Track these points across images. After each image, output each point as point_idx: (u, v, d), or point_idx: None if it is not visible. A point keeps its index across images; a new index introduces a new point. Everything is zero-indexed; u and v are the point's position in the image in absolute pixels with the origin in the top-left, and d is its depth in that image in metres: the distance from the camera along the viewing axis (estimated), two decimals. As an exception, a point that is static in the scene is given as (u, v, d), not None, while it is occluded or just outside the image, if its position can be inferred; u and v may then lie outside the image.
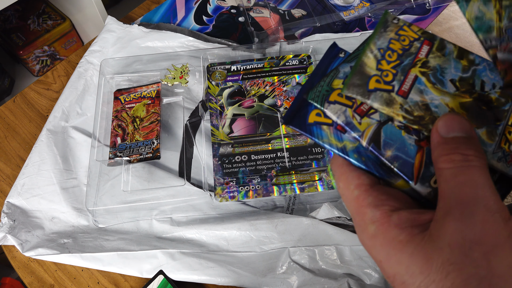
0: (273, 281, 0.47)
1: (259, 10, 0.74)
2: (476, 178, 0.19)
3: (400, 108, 0.22)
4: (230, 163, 0.53)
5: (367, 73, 0.23)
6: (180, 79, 0.62)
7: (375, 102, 0.23)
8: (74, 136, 0.59)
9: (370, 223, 0.21)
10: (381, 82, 0.23)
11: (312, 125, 0.24)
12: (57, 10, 1.09)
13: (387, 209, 0.21)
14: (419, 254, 0.19)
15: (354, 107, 0.23)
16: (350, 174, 0.23)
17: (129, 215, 0.53)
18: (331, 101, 0.23)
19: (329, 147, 0.23)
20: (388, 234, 0.20)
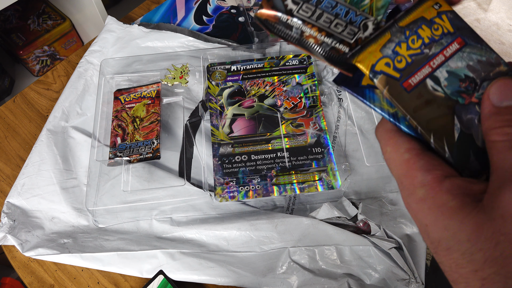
0: (273, 281, 0.47)
1: (259, 10, 0.74)
2: None
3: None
4: (230, 163, 0.53)
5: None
6: (180, 79, 0.62)
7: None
8: (74, 136, 0.59)
9: (419, 186, 0.20)
10: (391, 66, 0.22)
11: (366, 87, 0.22)
12: (57, 10, 1.09)
13: (439, 174, 0.20)
14: (469, 223, 0.18)
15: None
16: (400, 139, 0.22)
17: (129, 215, 0.53)
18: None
19: (380, 111, 0.22)
20: (438, 198, 0.19)
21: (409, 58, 0.22)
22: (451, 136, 0.21)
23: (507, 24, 0.73)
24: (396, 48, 0.22)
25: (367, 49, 0.22)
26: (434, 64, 0.22)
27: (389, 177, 0.54)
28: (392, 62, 0.22)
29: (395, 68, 0.22)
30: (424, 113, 0.21)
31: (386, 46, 0.22)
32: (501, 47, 0.70)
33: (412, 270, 0.46)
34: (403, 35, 0.22)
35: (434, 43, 0.22)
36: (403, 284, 0.46)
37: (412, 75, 0.22)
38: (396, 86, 0.21)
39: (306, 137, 0.55)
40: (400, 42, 0.22)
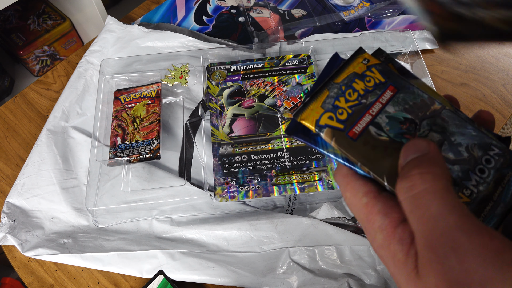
0: (273, 281, 0.47)
1: (259, 10, 0.74)
2: (430, 207, 0.18)
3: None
4: (230, 163, 0.53)
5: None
6: (180, 79, 0.62)
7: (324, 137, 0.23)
8: (74, 136, 0.59)
9: (378, 231, 0.20)
10: (334, 119, 0.23)
11: (316, 135, 0.23)
12: (57, 10, 1.09)
13: (396, 218, 0.20)
14: (411, 284, 0.18)
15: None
16: (357, 183, 0.22)
17: (129, 215, 0.53)
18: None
19: (334, 157, 0.23)
20: (391, 249, 0.19)
21: (349, 110, 0.23)
22: None
23: (507, 24, 0.73)
24: (335, 102, 0.23)
25: (309, 107, 0.23)
26: (373, 112, 0.23)
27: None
28: (334, 115, 0.23)
29: (338, 120, 0.23)
30: (373, 158, 0.22)
31: (326, 102, 0.23)
32: (501, 47, 0.70)
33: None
34: (340, 90, 0.24)
35: (369, 94, 0.24)
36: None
37: (355, 124, 0.23)
38: (342, 137, 0.22)
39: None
40: (338, 96, 0.23)
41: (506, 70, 0.67)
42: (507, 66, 0.67)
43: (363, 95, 0.23)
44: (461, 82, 0.66)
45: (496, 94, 0.64)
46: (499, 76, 0.66)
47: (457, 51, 0.69)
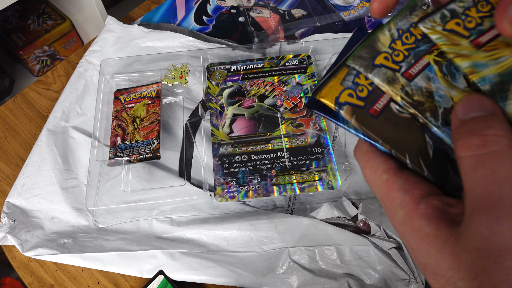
0: (273, 281, 0.47)
1: (259, 10, 0.74)
2: (498, 169, 0.17)
3: (401, 89, 0.21)
4: (230, 163, 0.53)
5: (377, 48, 0.22)
6: (180, 79, 0.62)
7: (376, 77, 0.22)
8: (74, 136, 0.59)
9: (399, 207, 0.20)
10: (390, 60, 0.22)
11: (336, 111, 0.22)
12: (57, 10, 1.09)
13: (418, 194, 0.19)
14: (447, 252, 0.18)
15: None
16: (377, 159, 0.22)
17: (129, 215, 0.53)
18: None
19: (355, 132, 0.22)
20: (415, 223, 0.19)
21: (369, 86, 0.22)
22: (426, 154, 0.21)
23: (507, 24, 0.73)
24: (355, 79, 0.22)
25: (328, 84, 0.22)
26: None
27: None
28: (354, 92, 0.22)
29: (358, 97, 0.22)
30: (394, 136, 0.21)
31: (345, 79, 0.22)
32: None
33: (412, 270, 0.46)
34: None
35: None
36: (403, 284, 0.46)
37: (376, 101, 0.22)
38: (362, 114, 0.22)
39: (306, 137, 0.55)
40: (358, 73, 0.22)
41: (506, 70, 0.67)
42: (507, 66, 0.67)
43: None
44: (461, 82, 0.66)
45: (496, 94, 0.64)
46: (499, 76, 0.66)
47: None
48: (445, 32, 0.21)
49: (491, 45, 0.21)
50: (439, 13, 0.22)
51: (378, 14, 0.24)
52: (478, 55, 0.21)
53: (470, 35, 0.21)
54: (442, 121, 0.21)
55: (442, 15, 0.22)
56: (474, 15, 0.21)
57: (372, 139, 0.22)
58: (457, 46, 0.21)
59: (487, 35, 0.21)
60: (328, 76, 0.23)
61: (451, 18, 0.21)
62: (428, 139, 0.21)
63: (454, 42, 0.21)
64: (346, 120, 0.22)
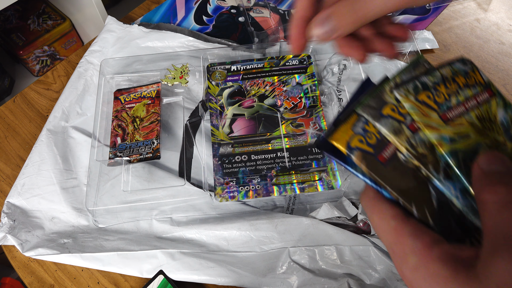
0: (273, 281, 0.47)
1: (259, 10, 0.74)
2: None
3: (406, 141, 0.22)
4: (230, 163, 0.53)
5: (384, 99, 0.23)
6: (180, 79, 0.62)
7: (384, 127, 0.23)
8: (74, 136, 0.59)
9: (410, 253, 0.20)
10: (396, 111, 0.23)
11: (347, 156, 0.23)
12: (57, 10, 1.09)
13: (429, 240, 0.20)
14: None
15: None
16: (384, 206, 0.22)
17: (129, 215, 0.53)
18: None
19: (362, 177, 0.23)
20: (431, 267, 0.19)
21: (378, 135, 0.23)
22: (431, 205, 0.22)
23: (507, 24, 0.73)
24: (364, 126, 0.23)
25: (340, 129, 0.24)
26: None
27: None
28: (364, 139, 0.23)
29: (368, 144, 0.23)
30: (402, 185, 0.22)
31: (355, 125, 0.23)
32: (501, 47, 0.70)
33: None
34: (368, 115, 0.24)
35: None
36: (403, 284, 0.46)
37: (384, 149, 0.23)
38: (372, 161, 0.23)
39: (306, 137, 0.55)
40: (366, 121, 0.23)
41: (506, 70, 0.67)
42: (507, 66, 0.67)
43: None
44: (461, 82, 0.66)
45: (496, 94, 0.64)
46: (499, 76, 0.66)
47: (457, 51, 0.69)
48: (417, 103, 0.23)
49: (457, 121, 0.23)
50: (412, 84, 0.24)
51: (297, 52, 0.29)
52: (446, 129, 0.22)
53: (439, 108, 0.23)
54: (443, 175, 0.22)
55: (415, 86, 0.24)
56: (443, 91, 0.23)
57: (381, 186, 0.22)
58: (427, 117, 0.23)
59: (453, 111, 0.23)
60: (339, 121, 0.24)
61: (423, 90, 0.23)
62: (432, 190, 0.22)
63: (425, 113, 0.23)
64: (356, 165, 0.23)
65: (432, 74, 0.24)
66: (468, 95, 0.24)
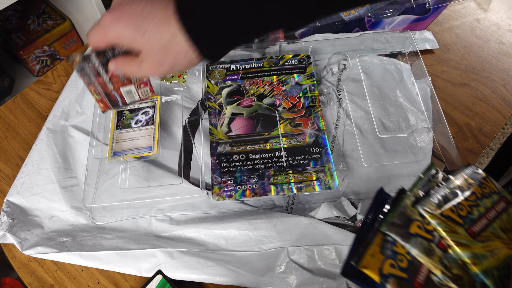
0: (272, 280, 0.47)
1: (259, 10, 0.74)
2: None
3: (439, 262, 0.21)
4: (227, 162, 0.53)
5: (408, 215, 0.22)
6: (178, 78, 0.62)
7: (414, 248, 0.22)
8: (73, 135, 0.59)
9: None
10: (422, 229, 0.22)
11: (377, 282, 0.22)
12: (57, 10, 1.09)
13: None
14: None
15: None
16: None
17: (127, 213, 0.53)
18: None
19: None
20: None
21: (408, 256, 0.22)
22: None
23: (507, 24, 0.73)
24: (393, 247, 0.22)
25: (368, 252, 0.22)
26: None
27: (388, 178, 0.54)
28: (395, 263, 0.22)
29: (401, 268, 0.21)
30: None
31: (384, 247, 0.22)
32: (501, 47, 0.70)
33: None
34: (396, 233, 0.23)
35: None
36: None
37: (418, 273, 0.21)
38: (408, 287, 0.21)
39: (304, 137, 0.55)
40: (394, 241, 0.22)
41: (506, 70, 0.67)
42: (507, 66, 0.67)
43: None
44: (461, 82, 0.66)
45: (496, 94, 0.64)
46: (499, 76, 0.66)
47: (457, 51, 0.69)
48: (443, 218, 0.22)
49: (484, 235, 0.22)
50: (433, 197, 0.23)
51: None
52: (476, 246, 0.21)
53: (464, 223, 0.22)
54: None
55: (438, 202, 0.23)
56: (464, 204, 0.23)
57: None
58: (456, 234, 0.22)
59: (478, 225, 0.22)
60: (365, 242, 0.22)
61: (445, 204, 0.23)
62: None
63: (453, 230, 0.22)
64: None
65: (448, 183, 0.23)
66: (487, 205, 0.23)
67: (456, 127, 0.61)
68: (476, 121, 0.61)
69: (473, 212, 0.23)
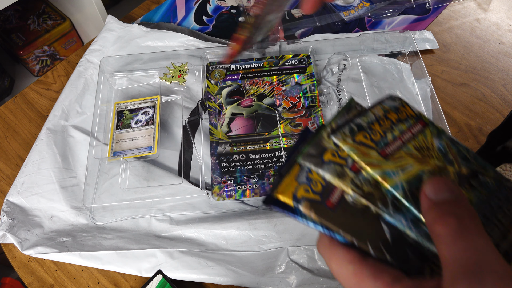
0: (272, 280, 0.47)
1: (259, 10, 0.74)
2: (476, 241, 0.19)
3: (351, 182, 0.23)
4: (227, 162, 0.53)
5: (323, 145, 0.24)
6: (178, 78, 0.62)
7: (327, 173, 0.23)
8: (73, 135, 0.59)
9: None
10: (336, 156, 0.23)
11: (295, 208, 0.23)
12: (57, 10, 1.09)
13: (388, 279, 0.20)
14: None
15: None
16: (340, 251, 0.22)
17: (127, 213, 0.53)
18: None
19: (313, 226, 0.23)
20: None
21: (323, 181, 0.23)
22: (385, 241, 0.22)
23: (507, 24, 0.73)
24: (308, 175, 0.23)
25: (284, 181, 0.24)
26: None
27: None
28: (309, 188, 0.23)
29: (314, 192, 0.23)
30: (354, 226, 0.22)
31: (299, 176, 0.24)
32: (501, 47, 0.70)
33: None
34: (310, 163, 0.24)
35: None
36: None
37: (331, 194, 0.23)
38: (321, 208, 0.23)
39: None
40: (309, 169, 0.24)
41: (506, 70, 0.67)
42: (507, 66, 0.67)
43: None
44: (461, 82, 0.66)
45: (496, 94, 0.64)
46: (499, 76, 0.66)
47: (457, 51, 0.69)
48: (355, 144, 0.23)
49: (396, 155, 0.23)
50: (347, 127, 0.24)
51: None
52: (387, 165, 0.23)
53: (377, 146, 0.23)
54: (393, 209, 0.22)
55: (351, 129, 0.24)
56: (378, 129, 0.24)
57: (333, 231, 0.22)
58: (367, 156, 0.23)
59: (391, 147, 0.23)
60: (282, 174, 0.24)
61: (358, 131, 0.24)
62: (384, 226, 0.22)
63: (364, 153, 0.23)
64: (305, 215, 0.23)
65: (365, 115, 0.25)
66: (402, 129, 0.24)
67: (456, 127, 0.61)
68: (476, 121, 0.61)
69: (386, 136, 0.24)
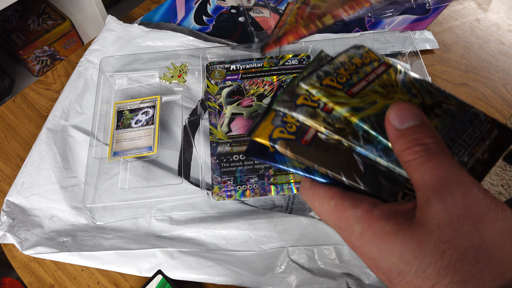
0: (272, 280, 0.47)
1: (259, 10, 0.74)
2: (443, 161, 0.20)
3: (323, 121, 0.24)
4: (227, 162, 0.53)
5: (296, 92, 0.26)
6: (178, 78, 0.62)
7: (300, 114, 0.25)
8: (73, 135, 0.59)
9: (354, 223, 0.21)
10: (308, 100, 0.25)
11: (274, 153, 0.25)
12: (57, 10, 1.09)
13: (367, 206, 0.21)
14: (410, 240, 0.19)
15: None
16: (321, 190, 0.23)
17: (127, 213, 0.53)
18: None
19: (293, 170, 0.25)
20: (374, 227, 0.20)
21: (297, 123, 0.25)
22: (358, 170, 0.23)
23: (507, 24, 0.73)
24: (283, 119, 0.25)
25: (260, 126, 0.25)
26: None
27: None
28: (284, 129, 0.25)
29: (289, 132, 0.25)
30: (328, 160, 0.24)
31: (275, 120, 0.25)
32: (501, 47, 0.70)
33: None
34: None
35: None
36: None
37: (305, 134, 0.25)
38: (295, 145, 0.24)
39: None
40: (284, 114, 0.25)
41: (506, 70, 0.67)
42: (507, 66, 0.67)
43: None
44: (461, 82, 0.66)
45: (496, 94, 0.64)
46: (499, 76, 0.66)
47: (457, 51, 0.69)
48: (322, 87, 0.25)
49: (362, 93, 0.25)
50: (315, 74, 0.26)
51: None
52: (354, 101, 0.25)
53: (344, 87, 0.25)
54: (363, 141, 0.24)
55: (318, 75, 0.26)
56: (343, 73, 0.26)
57: (310, 168, 0.24)
58: (335, 96, 0.25)
59: (357, 87, 0.25)
60: (260, 119, 0.26)
61: (325, 77, 0.26)
62: (357, 157, 0.24)
63: (332, 94, 0.25)
64: (284, 160, 0.25)
65: (331, 62, 0.26)
66: (367, 71, 0.26)
67: (456, 127, 0.61)
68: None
69: (352, 78, 0.26)
